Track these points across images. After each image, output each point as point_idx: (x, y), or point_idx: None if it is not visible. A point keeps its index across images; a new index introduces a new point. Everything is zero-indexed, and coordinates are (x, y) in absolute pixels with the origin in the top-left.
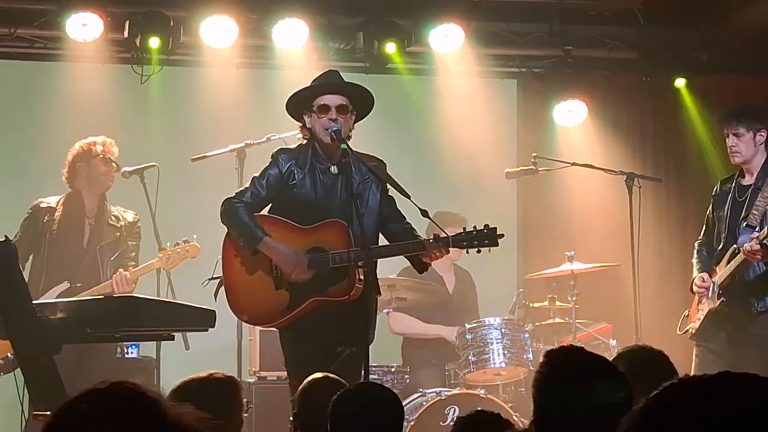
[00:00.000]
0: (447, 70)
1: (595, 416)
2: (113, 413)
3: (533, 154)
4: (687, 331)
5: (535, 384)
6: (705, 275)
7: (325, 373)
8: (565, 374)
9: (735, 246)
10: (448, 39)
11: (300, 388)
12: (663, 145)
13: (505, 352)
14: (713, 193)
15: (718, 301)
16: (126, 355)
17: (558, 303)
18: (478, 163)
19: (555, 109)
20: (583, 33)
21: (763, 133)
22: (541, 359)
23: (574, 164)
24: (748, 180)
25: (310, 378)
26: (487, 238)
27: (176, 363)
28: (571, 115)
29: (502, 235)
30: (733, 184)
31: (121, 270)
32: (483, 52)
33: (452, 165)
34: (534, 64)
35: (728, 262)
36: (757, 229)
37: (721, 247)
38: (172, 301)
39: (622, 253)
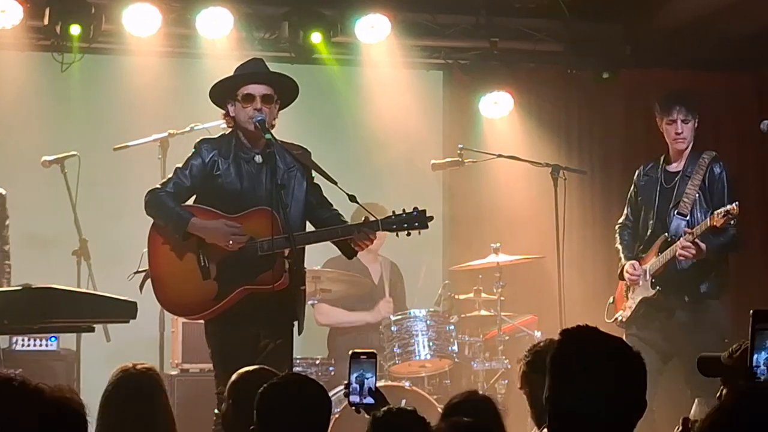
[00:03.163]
0: (373, 60)
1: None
2: None
3: (459, 146)
4: (616, 319)
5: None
6: (635, 263)
7: (260, 366)
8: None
9: (666, 234)
10: (374, 29)
11: (230, 381)
12: (588, 138)
13: (431, 344)
14: (636, 177)
15: (654, 291)
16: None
17: (483, 295)
18: (403, 155)
19: (481, 100)
20: (508, 25)
21: (697, 119)
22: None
23: (499, 156)
24: (676, 167)
25: (241, 371)
26: (417, 220)
27: (97, 355)
28: (497, 107)
29: (431, 218)
30: (659, 171)
31: None
32: (409, 43)
33: (378, 156)
34: (460, 56)
35: (659, 250)
36: (687, 217)
37: (649, 234)
38: (93, 292)
39: (547, 244)
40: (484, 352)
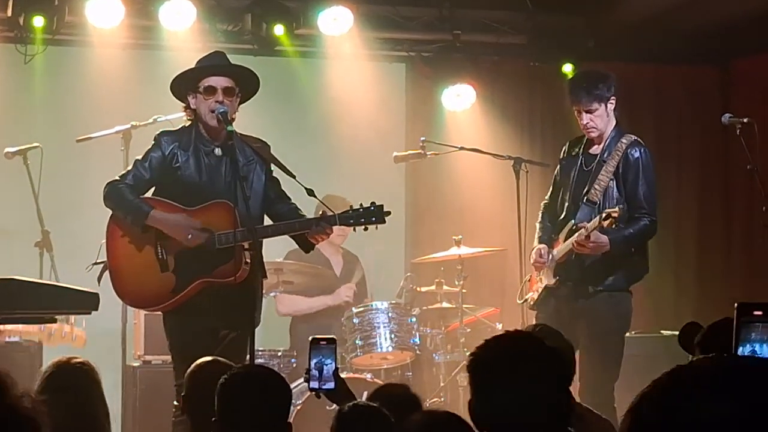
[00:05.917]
0: (335, 53)
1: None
2: None
3: (421, 138)
4: (526, 300)
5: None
6: (544, 249)
7: (214, 357)
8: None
9: (573, 221)
10: (336, 22)
11: (188, 372)
12: (550, 130)
13: (392, 336)
14: (561, 155)
15: (554, 280)
16: None
17: (445, 287)
18: (366, 147)
19: (443, 93)
20: (471, 18)
21: (612, 101)
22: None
23: (462, 148)
24: (596, 149)
25: (198, 362)
26: (374, 215)
27: (60, 347)
28: (460, 100)
29: (389, 213)
30: (581, 151)
31: None
32: (372, 36)
33: (340, 148)
34: (423, 48)
35: (566, 237)
36: (596, 205)
37: (563, 216)
38: (55, 283)
39: (510, 237)
40: (445, 345)
